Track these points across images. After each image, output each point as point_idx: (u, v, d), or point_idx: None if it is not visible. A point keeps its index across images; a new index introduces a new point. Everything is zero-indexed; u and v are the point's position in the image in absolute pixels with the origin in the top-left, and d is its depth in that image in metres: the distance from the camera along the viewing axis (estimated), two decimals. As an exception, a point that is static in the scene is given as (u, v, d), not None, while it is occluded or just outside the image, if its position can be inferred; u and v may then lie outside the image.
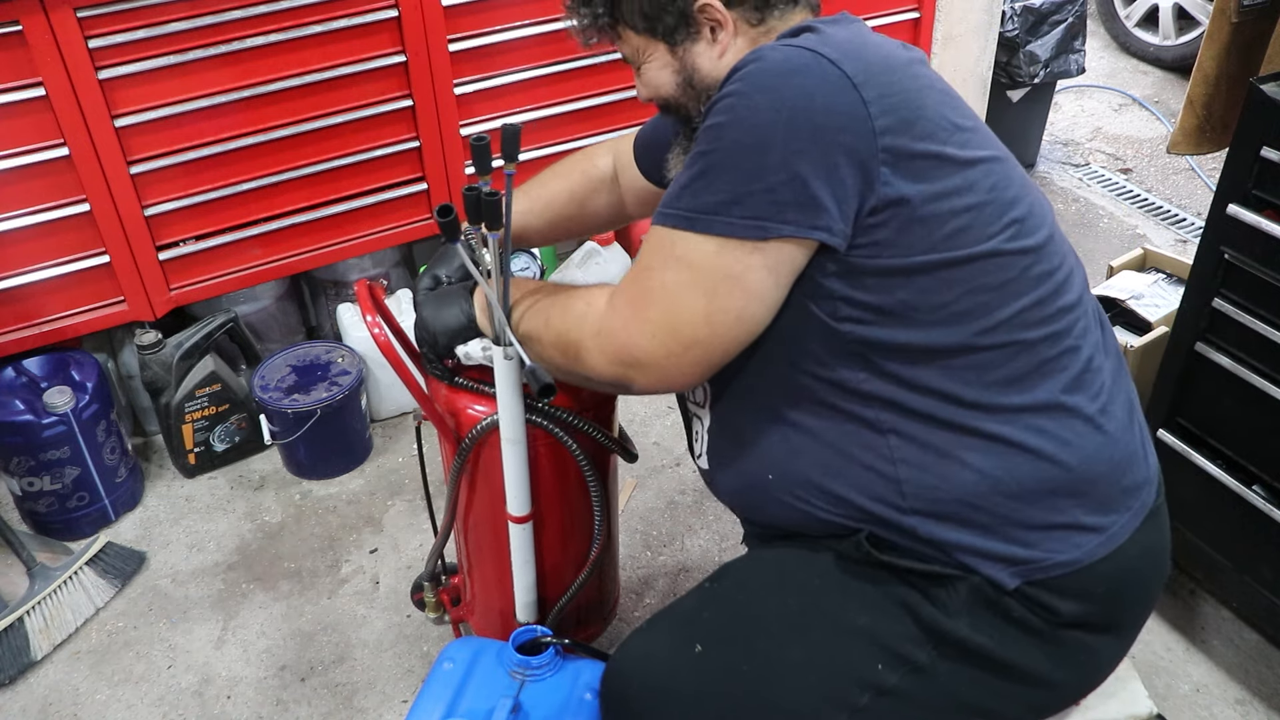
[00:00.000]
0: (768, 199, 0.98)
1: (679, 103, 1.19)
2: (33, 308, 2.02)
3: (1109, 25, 4.19)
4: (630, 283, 1.07)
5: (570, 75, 2.30)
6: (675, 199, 1.03)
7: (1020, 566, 1.05)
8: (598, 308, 1.10)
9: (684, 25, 1.13)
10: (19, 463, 2.00)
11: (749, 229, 0.99)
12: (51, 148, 1.88)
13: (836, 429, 1.08)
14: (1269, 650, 1.80)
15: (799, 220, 0.98)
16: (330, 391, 2.18)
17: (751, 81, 1.00)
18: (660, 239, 1.04)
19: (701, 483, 2.16)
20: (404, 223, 2.31)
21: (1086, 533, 1.07)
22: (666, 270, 1.03)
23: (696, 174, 1.01)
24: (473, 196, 1.16)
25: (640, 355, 1.05)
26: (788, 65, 0.99)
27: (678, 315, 1.03)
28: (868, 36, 1.08)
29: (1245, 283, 1.55)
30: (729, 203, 0.99)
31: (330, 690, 1.82)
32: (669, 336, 1.03)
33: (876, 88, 0.98)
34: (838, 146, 0.97)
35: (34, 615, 1.87)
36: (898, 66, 1.03)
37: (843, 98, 0.97)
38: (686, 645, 1.14)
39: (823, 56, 0.99)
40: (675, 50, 1.15)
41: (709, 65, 1.14)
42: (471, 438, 1.40)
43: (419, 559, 2.06)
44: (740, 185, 0.99)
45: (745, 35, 1.14)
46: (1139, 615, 1.16)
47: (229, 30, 1.94)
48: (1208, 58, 1.91)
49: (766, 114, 0.98)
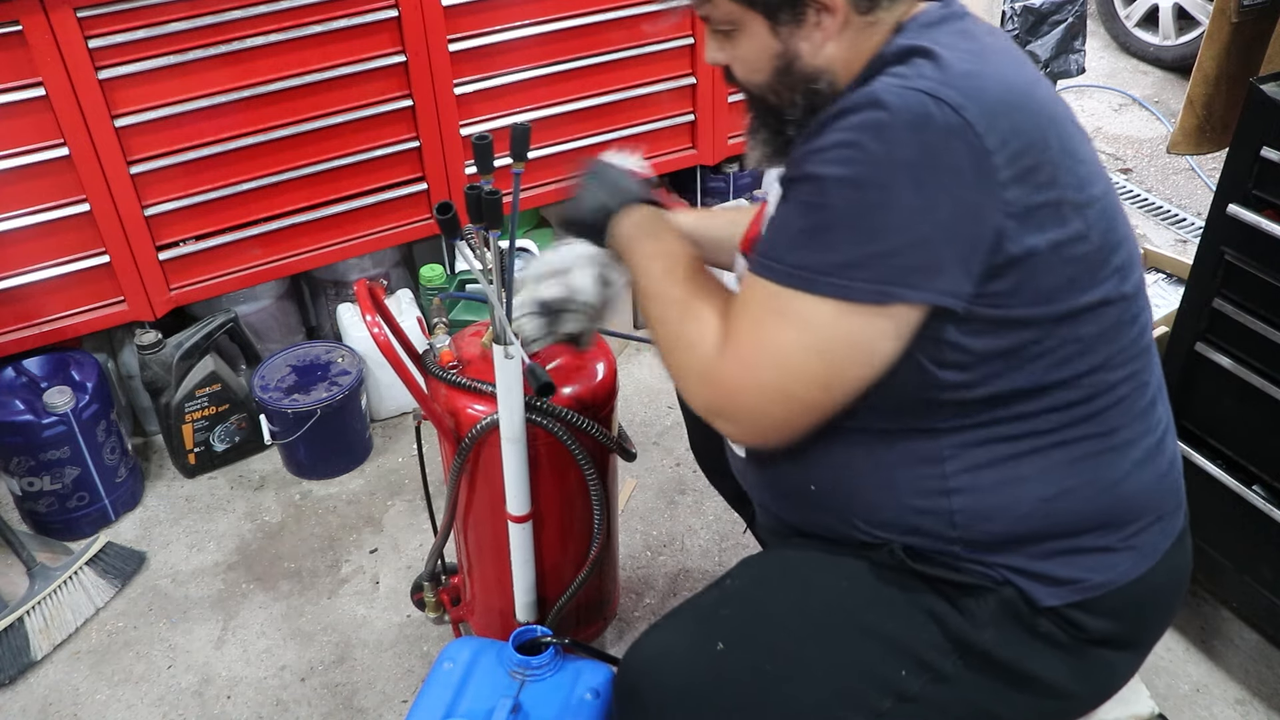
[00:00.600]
0: (891, 262, 0.92)
1: (770, 89, 1.09)
2: (33, 308, 2.02)
3: (1109, 25, 4.19)
4: (741, 334, 1.01)
5: (570, 75, 2.30)
6: (787, 252, 0.97)
7: (1061, 587, 1.05)
8: (709, 345, 1.03)
9: (790, 4, 1.02)
10: (19, 463, 2.00)
11: (871, 294, 0.93)
12: (51, 148, 1.88)
13: (892, 453, 1.06)
14: (1269, 650, 1.80)
15: (923, 284, 0.93)
16: (330, 391, 2.18)
17: (870, 133, 0.92)
18: (771, 294, 0.98)
19: (702, 482, 2.16)
20: (404, 223, 2.31)
21: (1124, 554, 1.07)
22: (782, 329, 0.97)
23: (810, 229, 0.95)
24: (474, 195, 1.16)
25: (742, 412, 1.01)
26: (908, 115, 0.92)
27: (794, 380, 0.98)
28: (987, 56, 1.00)
29: (1245, 283, 1.55)
30: (849, 265, 0.93)
31: (330, 690, 1.82)
32: (781, 399, 0.99)
33: (999, 134, 0.92)
34: (962, 204, 0.92)
35: (34, 615, 1.87)
36: (1020, 100, 0.96)
37: (967, 152, 0.91)
38: (706, 643, 1.12)
39: (944, 102, 0.91)
40: (776, 30, 1.04)
41: (809, 52, 1.04)
42: (471, 437, 1.40)
43: (419, 559, 2.05)
44: (861, 247, 0.93)
45: (851, 25, 1.03)
46: (1160, 631, 1.17)
47: (229, 30, 1.94)
48: (1208, 58, 1.91)
49: (887, 171, 0.92)
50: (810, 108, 1.06)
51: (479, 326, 1.55)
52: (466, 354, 1.47)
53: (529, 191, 2.39)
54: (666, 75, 2.42)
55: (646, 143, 2.49)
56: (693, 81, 2.45)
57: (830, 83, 1.05)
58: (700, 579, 1.99)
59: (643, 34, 2.33)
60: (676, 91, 2.46)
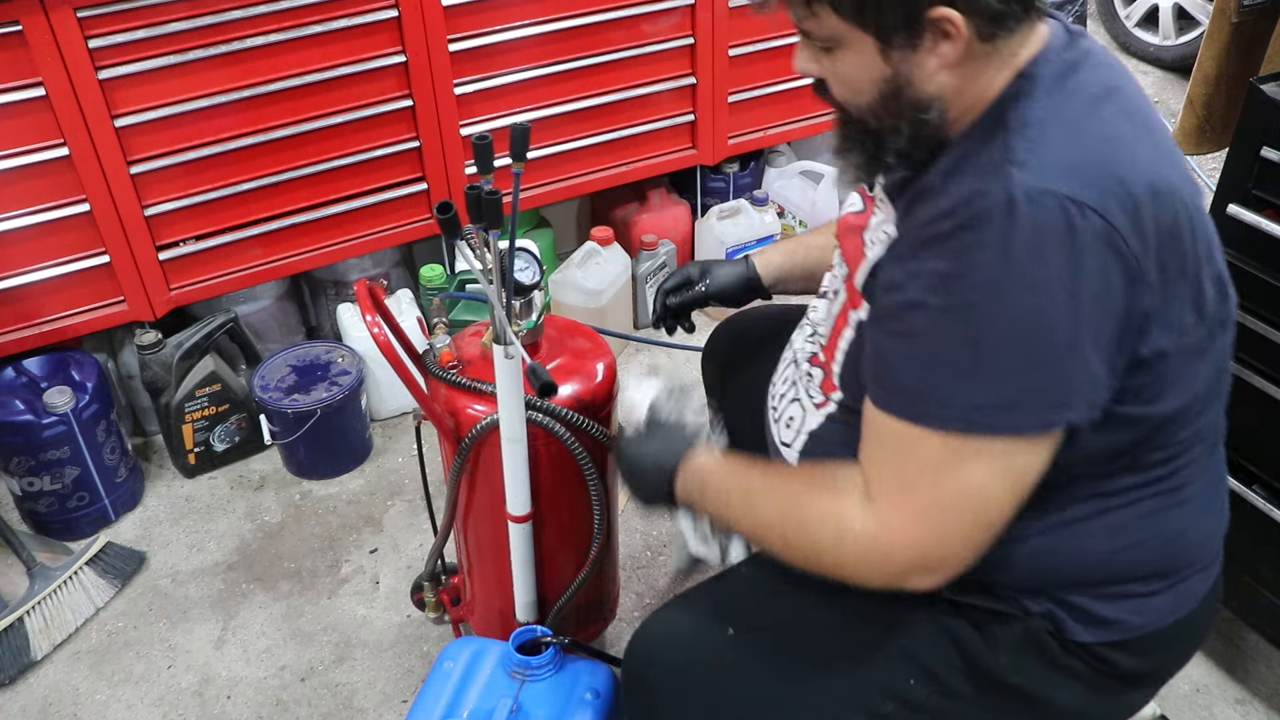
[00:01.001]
0: (1056, 391, 0.89)
1: (872, 113, 0.99)
2: (33, 308, 2.02)
3: (1109, 25, 4.18)
4: (905, 494, 0.95)
5: (570, 75, 2.30)
6: (948, 394, 0.91)
7: (1101, 627, 1.05)
8: (858, 529, 0.97)
9: (907, 28, 0.91)
10: (19, 463, 2.00)
11: (1040, 425, 0.90)
12: (51, 148, 1.88)
13: None
14: (1269, 650, 1.80)
15: (1083, 403, 0.90)
16: (330, 391, 2.18)
17: (1014, 253, 0.86)
18: (930, 444, 0.92)
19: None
20: (404, 223, 2.31)
21: (1167, 596, 1.07)
22: (960, 476, 0.92)
23: (970, 366, 0.90)
24: (474, 195, 1.16)
25: (937, 560, 0.96)
26: (1053, 229, 0.85)
27: (987, 513, 0.94)
28: (1119, 123, 0.93)
29: (1245, 283, 1.54)
30: (1015, 402, 0.89)
31: (330, 690, 1.82)
32: (982, 533, 0.95)
33: (1143, 234, 0.88)
34: (1114, 315, 0.88)
35: (34, 615, 1.87)
36: (1159, 184, 0.90)
37: (1116, 259, 0.87)
38: (716, 627, 1.11)
39: (1087, 207, 0.86)
40: (887, 54, 0.93)
41: (923, 78, 0.94)
42: (471, 437, 1.40)
43: (419, 559, 2.05)
44: (1024, 380, 0.89)
45: (972, 53, 0.93)
46: (1182, 667, 1.18)
47: (229, 30, 1.94)
48: (1208, 58, 1.92)
49: (1042, 294, 0.86)
50: (916, 136, 0.98)
51: (479, 326, 1.55)
52: (466, 354, 1.47)
53: (529, 191, 2.39)
54: (666, 75, 2.42)
55: (646, 143, 2.49)
56: (693, 81, 2.45)
57: (942, 112, 0.97)
58: (700, 579, 1.99)
59: (643, 34, 2.33)
60: (676, 91, 2.46)
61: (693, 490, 1.15)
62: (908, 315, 0.93)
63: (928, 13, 0.89)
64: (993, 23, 0.91)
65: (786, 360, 1.28)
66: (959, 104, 0.96)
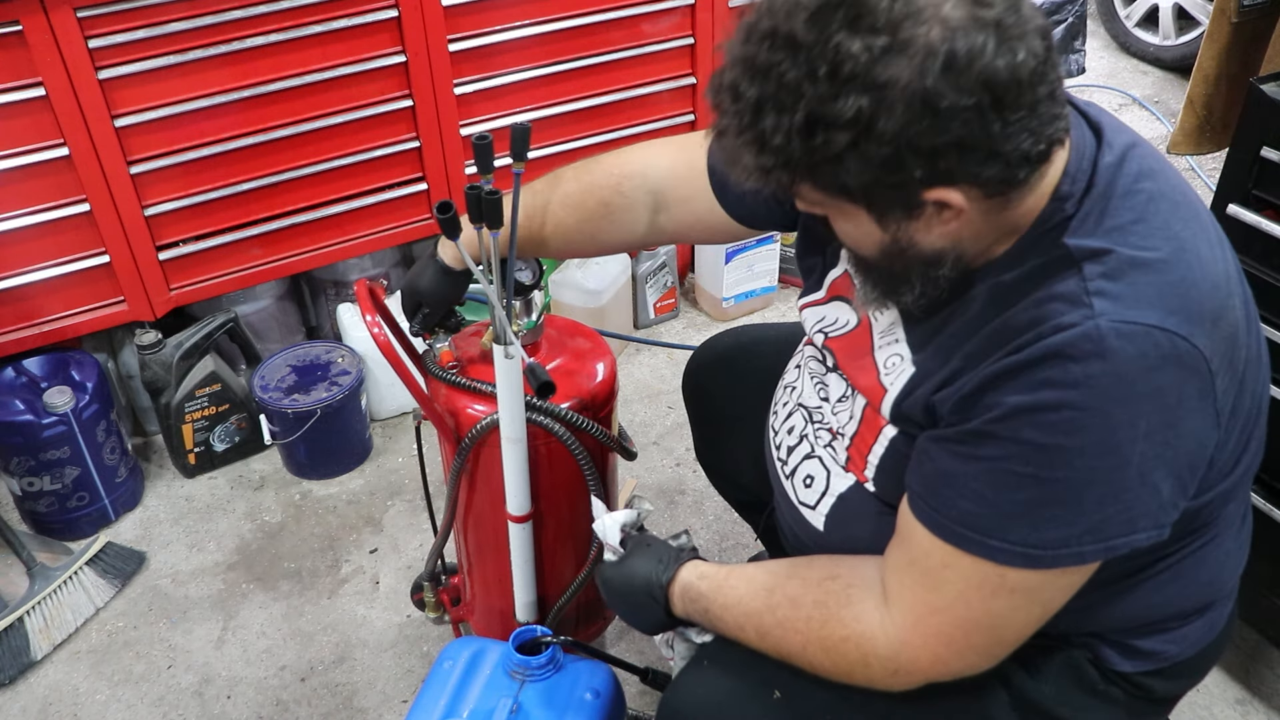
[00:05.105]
0: (1122, 519, 0.86)
1: (880, 263, 0.94)
2: (33, 308, 2.02)
3: (1109, 25, 4.18)
4: (933, 616, 0.93)
5: (570, 75, 2.30)
6: (1006, 529, 0.87)
7: (1141, 659, 1.07)
8: (882, 653, 0.95)
9: (902, 207, 0.86)
10: (19, 463, 2.00)
11: (1101, 552, 0.87)
12: (51, 148, 1.88)
13: None
14: (1269, 650, 1.80)
15: (1149, 525, 0.87)
16: (330, 391, 2.18)
17: (1102, 394, 0.82)
18: (967, 569, 0.89)
19: (702, 482, 2.16)
20: (404, 222, 2.31)
21: (1198, 626, 1.09)
22: (993, 602, 0.90)
23: (1037, 503, 0.86)
24: (474, 195, 1.16)
25: (959, 670, 0.96)
26: (1144, 364, 0.82)
27: (1007, 633, 0.93)
28: (1174, 227, 0.89)
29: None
30: (1081, 534, 0.86)
31: (330, 690, 1.82)
32: (1005, 650, 0.95)
33: (1218, 350, 0.85)
34: (1191, 435, 0.86)
35: (34, 615, 1.87)
36: (1222, 290, 0.88)
37: (1198, 382, 0.85)
38: (760, 690, 1.07)
39: (1174, 334, 0.82)
40: (885, 224, 0.88)
41: (929, 241, 0.89)
42: (471, 437, 1.40)
43: (419, 559, 2.05)
44: (1092, 512, 0.85)
45: (983, 209, 0.87)
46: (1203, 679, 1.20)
47: (229, 30, 1.94)
48: (1208, 58, 1.92)
49: (1126, 430, 0.83)
50: (931, 286, 0.93)
51: (479, 326, 1.55)
52: (466, 354, 1.47)
53: (529, 191, 2.39)
54: (666, 75, 2.42)
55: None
56: (693, 81, 2.45)
57: (957, 259, 0.91)
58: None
59: (643, 34, 2.33)
60: (676, 91, 2.46)
61: (694, 614, 1.14)
62: (978, 444, 0.88)
63: (924, 194, 0.83)
64: (1003, 184, 0.84)
65: (787, 402, 1.22)
66: (978, 245, 0.91)
